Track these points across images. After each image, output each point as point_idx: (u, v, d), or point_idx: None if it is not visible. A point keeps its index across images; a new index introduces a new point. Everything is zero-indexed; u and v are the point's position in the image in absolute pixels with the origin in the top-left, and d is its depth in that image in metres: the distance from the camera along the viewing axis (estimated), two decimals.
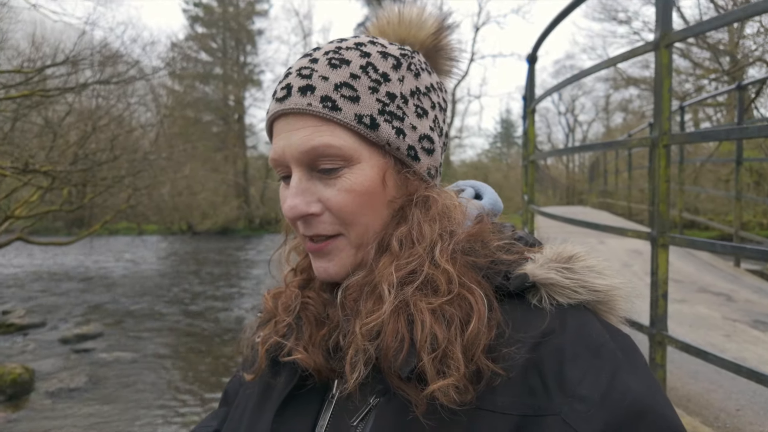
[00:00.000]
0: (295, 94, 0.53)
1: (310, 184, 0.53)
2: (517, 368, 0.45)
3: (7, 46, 9.63)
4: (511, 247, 0.53)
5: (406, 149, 0.54)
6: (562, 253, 0.51)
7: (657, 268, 1.65)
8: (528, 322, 0.47)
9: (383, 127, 0.53)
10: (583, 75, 2.29)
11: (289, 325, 0.57)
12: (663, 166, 1.64)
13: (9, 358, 6.26)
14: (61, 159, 9.70)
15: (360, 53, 0.55)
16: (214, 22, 27.56)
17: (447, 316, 0.47)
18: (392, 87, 0.54)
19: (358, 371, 0.48)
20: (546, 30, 2.68)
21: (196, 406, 5.10)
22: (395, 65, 0.56)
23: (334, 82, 0.52)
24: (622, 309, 0.52)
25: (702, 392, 1.98)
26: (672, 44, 1.60)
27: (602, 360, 0.44)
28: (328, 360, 0.53)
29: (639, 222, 8.51)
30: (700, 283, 3.87)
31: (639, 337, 2.43)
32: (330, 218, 0.54)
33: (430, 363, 0.45)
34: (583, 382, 0.43)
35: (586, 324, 0.47)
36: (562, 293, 0.49)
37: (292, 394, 0.54)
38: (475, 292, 0.48)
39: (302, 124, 0.52)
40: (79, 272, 12.94)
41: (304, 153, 0.52)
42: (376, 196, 0.53)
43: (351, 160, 0.52)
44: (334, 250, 0.55)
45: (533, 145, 3.18)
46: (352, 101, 0.52)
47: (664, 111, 1.64)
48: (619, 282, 0.51)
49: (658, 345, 1.65)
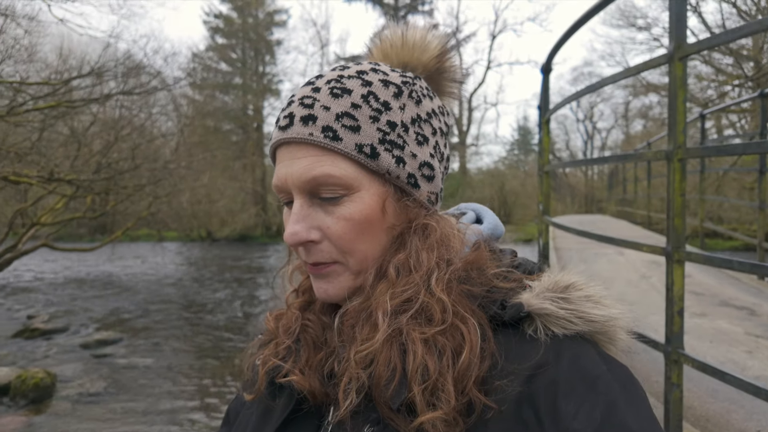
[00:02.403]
0: (297, 123, 0.54)
1: (311, 211, 0.54)
2: (510, 401, 0.45)
3: (36, 59, 9.97)
4: (509, 274, 0.53)
5: (406, 177, 0.55)
6: (559, 281, 0.51)
7: (672, 284, 1.62)
8: (522, 353, 0.47)
9: (383, 156, 0.53)
10: (597, 87, 2.27)
11: (289, 347, 0.58)
12: (678, 180, 1.61)
13: (32, 362, 6.42)
14: (84, 168, 9.97)
15: (361, 82, 0.56)
16: (233, 32, 28.11)
17: (439, 347, 0.47)
18: (393, 116, 0.55)
19: (350, 399, 0.48)
20: (560, 41, 2.67)
21: (212, 413, 5.14)
22: (396, 93, 0.56)
23: (335, 111, 0.53)
24: (622, 339, 0.51)
25: (722, 412, 1.92)
26: (687, 57, 1.58)
27: (597, 393, 0.43)
28: (323, 384, 0.53)
29: (658, 231, 8.33)
30: (722, 296, 3.76)
31: (654, 354, 2.37)
32: (329, 246, 0.54)
33: (420, 394, 0.45)
34: (577, 417, 0.42)
35: (582, 356, 0.46)
36: (558, 324, 0.48)
37: (290, 419, 0.54)
38: (469, 322, 0.48)
39: (304, 153, 0.53)
40: (101, 278, 13.23)
41: (305, 182, 0.53)
42: (375, 224, 0.54)
43: (351, 188, 0.53)
44: (332, 274, 0.55)
45: (548, 155, 3.15)
46: (352, 131, 0.53)
47: (679, 124, 1.61)
48: (618, 312, 0.50)
49: (674, 364, 1.61)
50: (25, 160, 8.60)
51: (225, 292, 11.49)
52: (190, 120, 19.29)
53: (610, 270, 4.69)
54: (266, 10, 28.61)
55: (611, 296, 0.52)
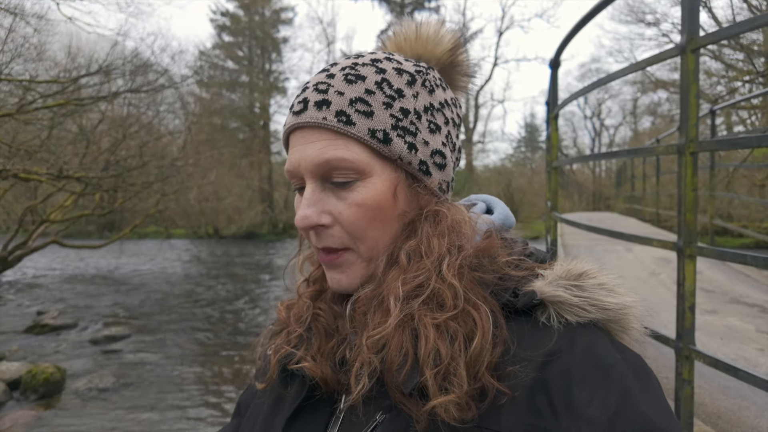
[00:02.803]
0: (311, 108, 0.54)
1: (322, 196, 0.54)
2: (524, 388, 0.44)
3: (45, 57, 10.05)
4: (521, 263, 0.52)
5: (418, 164, 0.55)
6: (572, 270, 0.50)
7: (684, 279, 1.60)
8: (535, 340, 0.47)
9: (396, 141, 0.54)
10: (606, 81, 2.25)
11: (300, 335, 0.58)
12: (690, 174, 1.59)
13: (42, 357, 6.49)
14: (93, 165, 10.05)
15: (376, 69, 0.56)
16: (240, 30, 28.17)
17: (451, 332, 0.47)
18: (406, 103, 0.55)
19: (363, 384, 0.48)
20: (568, 36, 2.64)
21: (220, 408, 5.17)
22: (410, 81, 0.56)
23: (349, 97, 0.53)
24: (635, 328, 0.50)
25: (733, 409, 1.90)
26: (699, 49, 1.56)
27: (611, 381, 0.43)
28: (335, 372, 0.53)
29: (667, 228, 8.26)
30: (732, 293, 3.72)
31: (665, 350, 2.35)
32: (339, 231, 0.54)
33: (433, 378, 0.45)
34: (591, 404, 0.42)
35: (596, 343, 0.46)
36: (571, 311, 0.48)
37: (302, 406, 0.54)
38: (481, 309, 0.48)
39: (317, 137, 0.53)
40: (109, 275, 13.34)
41: (318, 165, 0.53)
42: (386, 210, 0.54)
43: (363, 173, 0.53)
44: (345, 263, 0.55)
45: (556, 151, 3.13)
46: (366, 116, 0.53)
47: (691, 117, 1.59)
48: (631, 300, 0.50)
49: (686, 360, 1.59)
50: (35, 158, 8.68)
51: (232, 289, 11.55)
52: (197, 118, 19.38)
53: (619, 267, 4.65)
54: (272, 7, 28.64)
55: (624, 285, 0.51)
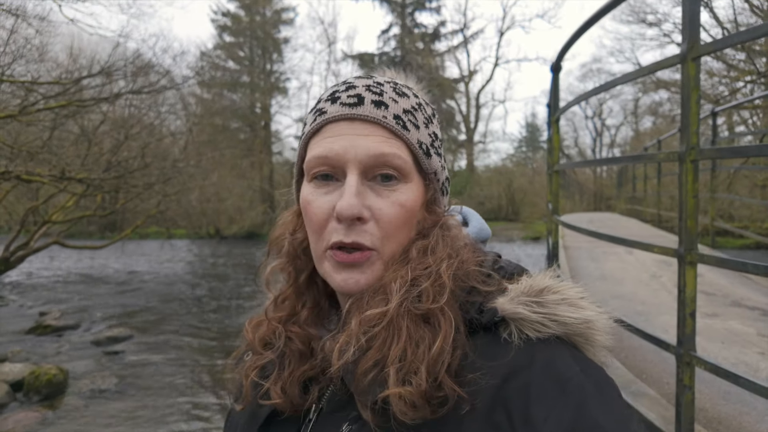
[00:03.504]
0: (368, 104, 0.56)
1: (363, 189, 0.55)
2: (484, 401, 0.46)
3: (47, 59, 10.07)
4: (488, 278, 0.54)
5: (443, 182, 0.62)
6: (533, 285, 0.52)
7: (684, 286, 1.61)
8: (496, 356, 0.48)
9: (434, 158, 0.60)
10: (608, 87, 2.26)
11: (272, 361, 0.59)
12: (690, 181, 1.60)
13: (45, 358, 6.51)
14: (95, 166, 10.07)
15: (413, 93, 0.62)
16: (241, 31, 28.18)
17: (418, 337, 0.49)
18: (436, 129, 0.62)
19: (345, 359, 0.49)
20: (569, 40, 2.65)
21: (223, 409, 5.18)
22: (432, 113, 0.64)
23: (402, 106, 0.58)
24: (600, 340, 0.51)
25: (734, 414, 1.91)
26: (700, 57, 1.57)
27: (568, 395, 0.44)
28: (304, 396, 0.55)
29: (668, 229, 8.25)
30: (733, 296, 3.73)
31: (666, 355, 2.36)
32: (374, 228, 0.55)
33: (394, 374, 0.47)
34: (547, 420, 0.43)
35: (555, 358, 0.47)
36: (532, 327, 0.49)
37: (270, 420, 0.57)
38: (446, 315, 0.50)
39: (372, 131, 0.55)
40: (111, 275, 13.36)
41: (372, 157, 0.54)
42: (414, 216, 0.58)
43: (407, 177, 0.56)
44: (367, 263, 0.55)
45: (558, 153, 3.14)
46: (415, 128, 0.58)
47: (692, 125, 1.60)
48: (593, 314, 0.50)
49: (686, 366, 1.60)
50: (37, 159, 8.70)
51: (234, 290, 11.56)
52: (199, 119, 19.40)
53: (620, 269, 4.66)
54: (273, 8, 28.65)
55: (589, 298, 0.52)
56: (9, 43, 7.98)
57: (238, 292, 11.36)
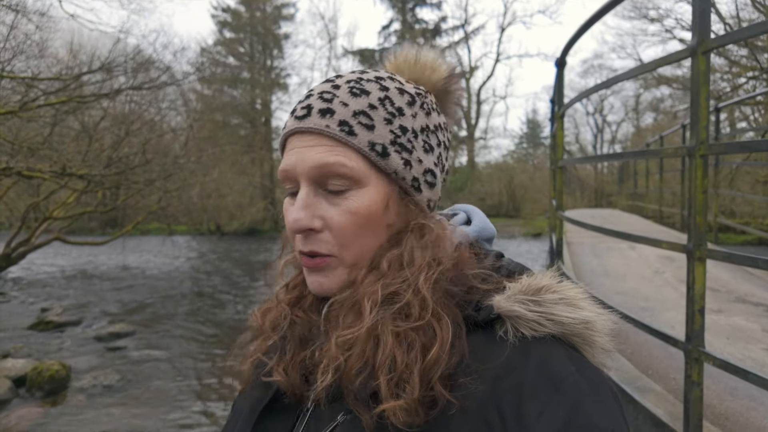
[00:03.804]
0: (315, 114, 0.56)
1: (315, 200, 0.56)
2: (475, 400, 0.46)
3: (47, 55, 10.04)
4: (488, 276, 0.54)
5: (411, 180, 0.57)
6: (532, 284, 0.51)
7: (693, 282, 1.60)
8: (491, 353, 0.48)
9: (393, 156, 0.56)
10: (615, 81, 2.24)
11: (275, 343, 0.60)
12: (700, 176, 1.59)
13: (47, 354, 6.52)
14: (95, 162, 10.05)
15: (380, 86, 0.58)
16: (241, 26, 28.09)
17: (409, 341, 0.49)
18: (405, 121, 0.58)
19: (326, 379, 0.50)
20: (575, 35, 2.63)
21: (224, 404, 5.19)
22: (410, 102, 0.59)
23: (353, 109, 0.56)
24: (600, 341, 0.51)
25: (741, 410, 1.91)
26: (710, 51, 1.55)
27: (562, 394, 0.44)
28: (305, 381, 0.56)
29: (670, 225, 8.25)
30: (738, 292, 3.72)
31: (672, 351, 2.36)
32: (328, 237, 0.56)
33: (386, 384, 0.47)
34: (540, 419, 0.43)
35: (550, 357, 0.47)
36: (528, 325, 0.49)
37: (271, 407, 0.57)
38: (443, 320, 0.50)
39: (318, 143, 0.55)
40: (112, 271, 13.37)
41: (316, 168, 0.54)
42: (376, 221, 0.56)
43: (359, 183, 0.55)
44: (327, 268, 0.57)
45: (561, 150, 3.13)
46: (367, 129, 0.55)
47: (702, 120, 1.58)
48: (592, 315, 0.50)
49: (695, 362, 1.60)
50: (38, 155, 8.69)
51: (234, 285, 11.57)
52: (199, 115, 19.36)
53: (623, 265, 4.65)
54: (274, 3, 28.54)
55: (590, 299, 0.52)
56: (9, 39, 7.96)
57: (238, 287, 11.37)
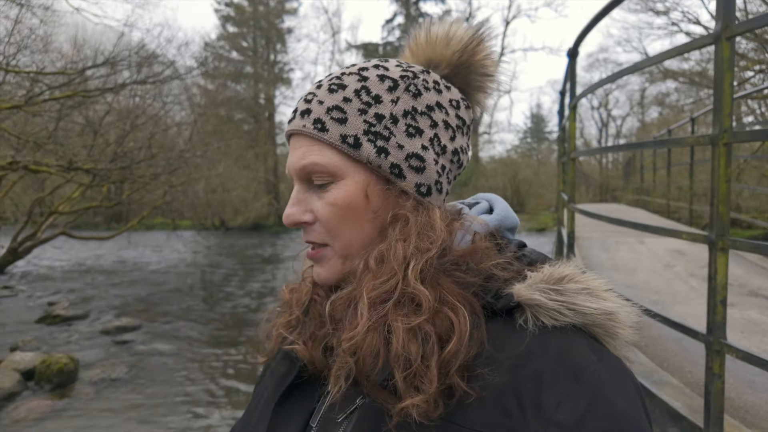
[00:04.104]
0: (297, 116, 0.59)
1: (306, 196, 0.59)
2: (493, 389, 0.45)
3: (52, 49, 10.03)
4: (508, 266, 0.53)
5: (389, 167, 0.57)
6: (554, 273, 0.51)
7: (715, 273, 1.57)
8: (510, 342, 0.48)
9: (365, 146, 0.56)
10: (639, 67, 2.19)
11: (298, 318, 0.62)
12: (723, 165, 1.56)
13: (55, 348, 6.55)
14: (101, 157, 10.07)
15: (358, 78, 0.59)
16: (244, 21, 28.01)
17: (423, 334, 0.48)
18: (382, 108, 0.57)
19: (339, 385, 0.51)
20: (589, 24, 2.59)
21: (232, 396, 5.21)
22: (391, 87, 0.58)
23: (327, 105, 0.57)
24: (622, 333, 0.50)
25: (760, 403, 1.89)
26: (734, 37, 1.52)
27: (582, 384, 0.43)
28: (323, 356, 0.56)
29: (676, 220, 8.20)
30: (750, 286, 3.69)
31: (686, 344, 2.33)
32: (319, 228, 0.59)
33: (402, 380, 0.47)
34: (559, 408, 0.42)
35: (570, 347, 0.46)
36: (548, 314, 0.48)
37: (294, 384, 0.58)
38: (459, 311, 0.49)
39: (300, 144, 0.58)
40: (117, 266, 13.42)
41: (298, 170, 0.58)
42: (358, 211, 0.57)
43: (336, 176, 0.57)
44: (323, 258, 0.59)
45: (574, 141, 3.09)
46: (339, 123, 0.56)
47: (725, 107, 1.55)
48: (614, 306, 0.49)
49: (716, 354, 1.57)
50: (44, 149, 8.70)
51: (239, 280, 11.60)
52: (203, 109, 19.35)
53: (633, 259, 4.62)
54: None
55: (614, 291, 0.51)
56: (13, 34, 7.95)
57: (243, 282, 11.39)
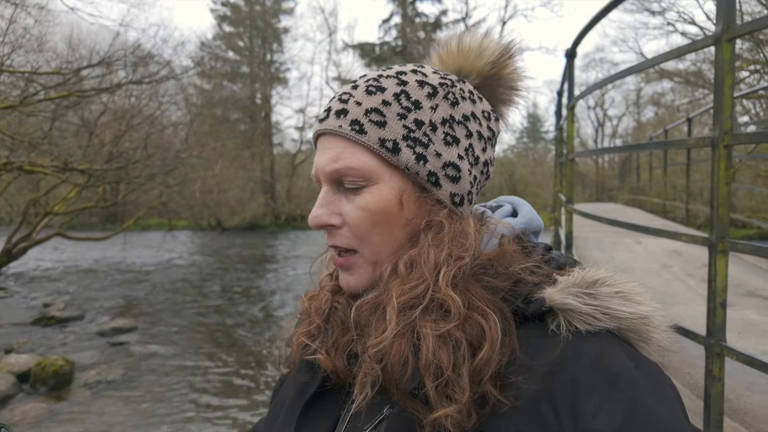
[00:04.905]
0: (332, 116, 0.57)
1: (335, 198, 0.57)
2: (527, 398, 0.44)
3: (46, 49, 9.96)
4: (537, 269, 0.52)
5: (427, 175, 0.56)
6: (586, 277, 0.49)
7: (715, 275, 1.57)
8: (543, 348, 0.46)
9: (404, 152, 0.55)
10: (639, 68, 2.19)
11: (319, 326, 0.61)
12: (723, 167, 1.55)
13: (51, 350, 6.50)
14: (96, 157, 10.01)
15: (398, 81, 0.58)
16: (241, 20, 27.94)
17: (454, 341, 0.47)
18: (422, 114, 0.56)
19: (365, 393, 0.49)
20: (589, 24, 2.59)
21: (225, 398, 5.19)
22: (430, 93, 0.57)
23: (365, 107, 0.56)
24: (656, 338, 0.49)
25: (760, 405, 1.89)
26: (735, 38, 1.52)
27: (620, 391, 0.42)
28: (347, 365, 0.55)
29: (672, 219, 8.23)
30: (747, 286, 3.70)
31: (684, 345, 2.33)
32: (347, 232, 0.57)
33: (434, 389, 0.45)
34: (597, 416, 0.41)
35: (606, 353, 0.45)
36: (581, 319, 0.47)
37: (318, 393, 0.57)
38: (489, 317, 0.47)
39: (333, 145, 0.56)
40: (113, 267, 13.35)
41: (329, 173, 0.57)
42: (391, 217, 0.55)
43: (371, 180, 0.55)
44: (353, 266, 0.58)
45: (572, 142, 3.09)
46: (378, 126, 0.55)
47: (726, 109, 1.55)
48: (649, 309, 0.48)
49: (716, 357, 1.57)
50: (39, 150, 8.64)
51: (235, 281, 11.56)
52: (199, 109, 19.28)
53: (630, 259, 4.63)
54: None
55: (647, 294, 0.50)
56: (8, 33, 7.89)
57: (239, 282, 11.36)
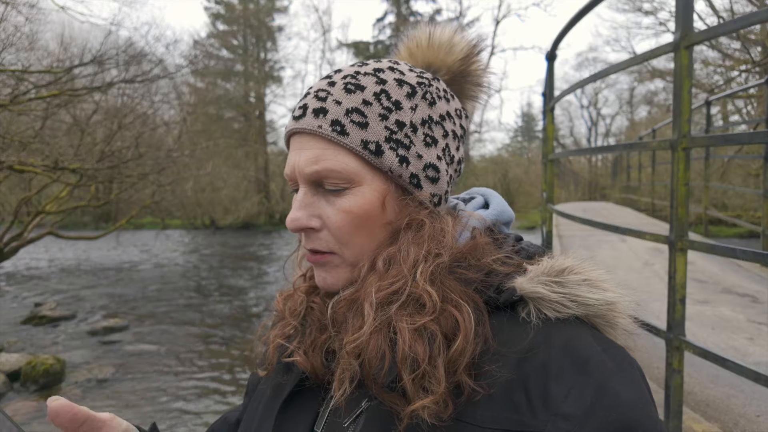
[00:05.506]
0: (309, 114, 0.55)
1: (314, 200, 0.56)
2: (501, 385, 0.45)
3: (37, 47, 9.91)
4: (507, 260, 0.53)
5: (409, 177, 0.55)
6: (554, 266, 0.51)
7: (675, 272, 1.63)
8: (514, 335, 0.47)
9: (387, 154, 0.54)
10: (600, 75, 2.26)
11: (295, 327, 0.60)
12: (682, 169, 1.62)
13: (42, 349, 6.52)
14: (88, 156, 9.97)
15: (376, 80, 0.56)
16: (234, 19, 27.84)
17: (429, 333, 0.47)
18: (402, 115, 0.55)
19: (344, 389, 0.49)
20: (564, 29, 2.65)
21: (219, 395, 5.23)
22: (410, 93, 0.57)
23: (346, 107, 0.54)
24: (622, 323, 0.50)
25: (721, 397, 1.96)
26: (693, 45, 1.58)
27: (588, 375, 0.43)
28: (324, 364, 0.55)
29: (662, 218, 8.33)
30: (725, 283, 3.78)
31: (657, 341, 2.40)
32: (327, 236, 0.56)
33: (411, 382, 0.46)
34: (567, 399, 0.42)
35: (574, 338, 0.46)
36: (551, 307, 0.48)
37: (296, 392, 0.57)
38: (463, 309, 0.48)
39: (311, 145, 0.55)
40: (106, 266, 13.33)
41: (309, 174, 0.55)
42: (373, 219, 0.55)
43: (353, 182, 0.54)
44: (329, 264, 0.57)
45: (552, 143, 3.16)
46: (360, 127, 0.54)
47: (684, 113, 1.61)
48: (615, 296, 0.50)
49: (676, 350, 1.64)
50: (29, 149, 8.61)
51: (228, 279, 11.58)
52: (193, 108, 19.22)
53: (613, 257, 4.71)
54: None
55: (612, 280, 0.51)
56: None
57: (232, 281, 11.37)
